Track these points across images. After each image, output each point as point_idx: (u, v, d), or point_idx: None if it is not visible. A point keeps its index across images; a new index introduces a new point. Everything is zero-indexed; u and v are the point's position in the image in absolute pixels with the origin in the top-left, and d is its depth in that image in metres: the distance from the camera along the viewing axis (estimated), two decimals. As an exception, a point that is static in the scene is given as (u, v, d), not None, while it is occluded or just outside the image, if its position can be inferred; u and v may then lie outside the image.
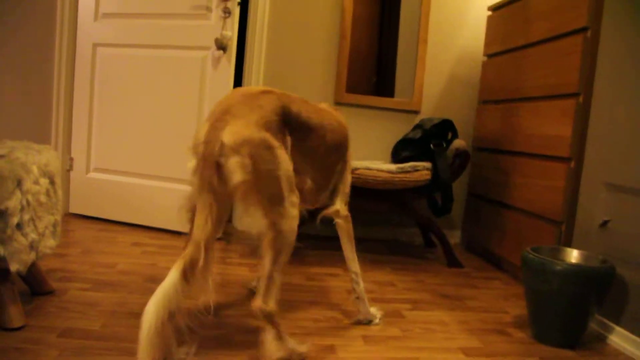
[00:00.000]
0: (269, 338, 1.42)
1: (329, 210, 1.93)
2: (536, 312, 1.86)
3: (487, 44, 3.14)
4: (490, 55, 3.11)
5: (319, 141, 1.72)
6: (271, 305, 1.41)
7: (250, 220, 1.42)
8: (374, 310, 1.91)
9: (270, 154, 1.40)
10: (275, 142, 1.43)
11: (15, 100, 3.20)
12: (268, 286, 1.41)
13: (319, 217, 1.91)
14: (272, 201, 1.42)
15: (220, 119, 1.41)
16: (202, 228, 1.37)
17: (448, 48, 3.33)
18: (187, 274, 1.32)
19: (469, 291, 2.38)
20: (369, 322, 1.88)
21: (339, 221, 1.95)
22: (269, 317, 1.41)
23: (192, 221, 1.48)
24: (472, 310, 2.11)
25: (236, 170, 1.35)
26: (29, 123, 3.19)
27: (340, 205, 1.95)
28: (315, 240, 3.15)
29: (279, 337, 1.43)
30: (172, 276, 1.30)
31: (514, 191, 2.67)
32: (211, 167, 1.37)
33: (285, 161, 1.45)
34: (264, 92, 1.54)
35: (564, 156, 2.28)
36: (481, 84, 3.21)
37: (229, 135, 1.36)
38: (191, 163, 1.43)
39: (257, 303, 1.40)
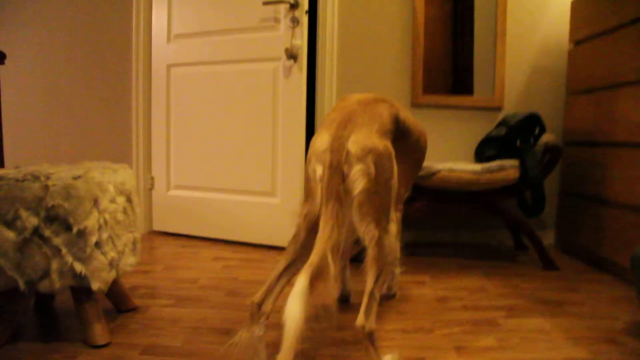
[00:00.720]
0: (368, 356, 1.36)
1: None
2: (652, 317, 1.66)
3: (573, 30, 2.92)
4: (577, 42, 2.89)
5: (414, 145, 1.77)
6: (372, 324, 1.36)
7: (362, 232, 1.39)
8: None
9: (390, 163, 1.43)
10: (393, 151, 1.46)
11: (98, 123, 3.32)
12: (370, 304, 1.37)
13: None
14: (382, 213, 1.40)
15: (343, 127, 1.42)
16: (328, 237, 1.30)
17: (529, 39, 3.13)
18: (313, 284, 1.24)
19: (569, 295, 2.18)
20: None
21: (399, 214, 1.98)
22: (370, 336, 1.35)
23: (307, 229, 1.44)
24: (576, 317, 1.91)
25: (360, 178, 1.36)
26: (111, 145, 3.31)
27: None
28: (399, 248, 3.04)
29: (377, 355, 1.37)
30: (302, 283, 1.22)
31: (615, 185, 2.44)
32: (338, 175, 1.36)
33: (396, 171, 1.46)
34: (378, 100, 1.57)
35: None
36: (569, 74, 2.98)
37: (354, 144, 1.38)
38: (318, 171, 1.40)
39: (360, 321, 1.35)
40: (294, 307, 1.19)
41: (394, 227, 1.46)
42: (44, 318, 1.83)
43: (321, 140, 1.42)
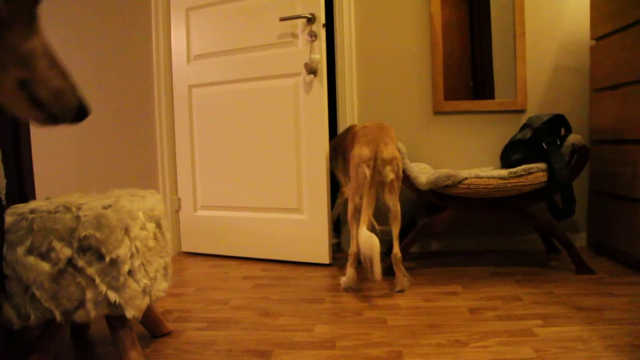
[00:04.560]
0: (399, 274, 2.38)
1: None
2: (695, 321, 1.61)
3: (594, 26, 2.88)
4: (599, 38, 2.84)
5: None
6: (399, 252, 2.37)
7: (389, 203, 2.38)
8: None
9: (401, 164, 2.45)
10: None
11: (123, 148, 3.37)
12: (397, 241, 2.39)
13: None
14: (397, 193, 2.41)
15: (378, 144, 2.36)
16: (370, 209, 2.32)
17: (549, 38, 3.09)
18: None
19: (607, 300, 2.13)
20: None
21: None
22: (400, 259, 2.38)
23: (360, 205, 2.38)
24: (616, 323, 1.87)
25: (390, 173, 2.35)
26: (137, 167, 3.35)
27: None
28: (425, 259, 3.02)
29: (404, 273, 2.40)
30: (364, 230, 2.24)
31: (646, 184, 2.39)
32: (378, 172, 2.33)
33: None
34: (387, 127, 2.54)
35: None
36: (592, 71, 2.94)
37: (386, 155, 2.35)
38: (367, 172, 2.32)
39: (395, 250, 2.37)
40: (372, 239, 2.17)
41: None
42: (80, 346, 1.85)
43: (365, 153, 2.36)
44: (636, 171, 2.47)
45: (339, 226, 3.30)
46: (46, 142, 3.45)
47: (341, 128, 3.12)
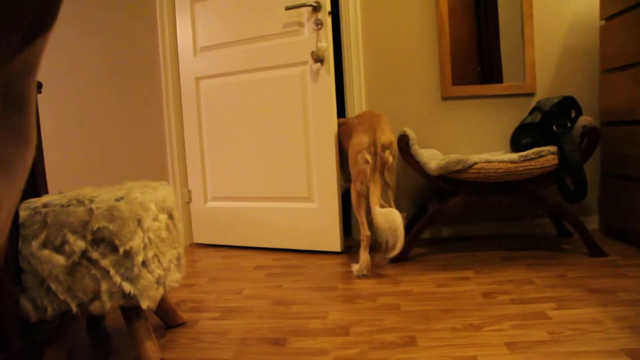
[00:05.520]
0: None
1: None
2: None
3: (603, 5, 2.84)
4: (608, 18, 2.81)
5: None
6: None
7: (389, 180, 2.56)
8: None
9: (396, 147, 2.61)
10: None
11: (133, 141, 3.38)
12: (393, 205, 2.56)
13: None
14: (394, 172, 2.60)
15: (375, 131, 2.49)
16: (378, 191, 2.44)
17: (558, 19, 3.06)
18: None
19: (620, 282, 2.12)
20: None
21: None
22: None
23: (366, 189, 2.48)
24: (630, 305, 1.86)
25: (389, 157, 2.51)
26: (147, 161, 3.36)
27: None
28: (436, 245, 3.01)
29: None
30: (380, 210, 2.34)
31: (659, 164, 2.37)
32: (378, 157, 2.47)
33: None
34: (379, 114, 2.64)
35: None
36: (601, 52, 2.91)
37: (384, 140, 2.49)
38: (368, 157, 2.45)
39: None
40: (391, 212, 2.30)
41: None
42: (97, 338, 1.87)
43: (364, 140, 2.48)
44: (648, 152, 2.44)
45: (349, 214, 3.31)
46: (56, 137, 3.47)
47: (349, 115, 3.12)
